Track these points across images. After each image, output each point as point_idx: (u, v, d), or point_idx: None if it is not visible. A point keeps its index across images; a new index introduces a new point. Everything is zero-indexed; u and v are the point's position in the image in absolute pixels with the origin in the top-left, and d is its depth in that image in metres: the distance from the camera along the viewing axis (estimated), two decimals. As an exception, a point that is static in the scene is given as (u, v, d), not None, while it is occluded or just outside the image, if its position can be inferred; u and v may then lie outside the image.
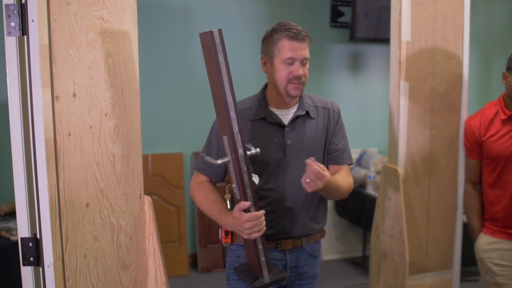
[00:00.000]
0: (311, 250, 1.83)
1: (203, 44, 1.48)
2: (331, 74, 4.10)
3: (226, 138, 1.51)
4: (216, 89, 1.49)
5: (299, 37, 1.63)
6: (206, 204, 1.74)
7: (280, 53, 1.64)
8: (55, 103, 1.48)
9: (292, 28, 1.63)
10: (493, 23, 4.49)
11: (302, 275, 1.83)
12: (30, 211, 1.49)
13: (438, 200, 2.56)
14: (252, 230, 1.56)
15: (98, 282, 1.62)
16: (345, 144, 1.83)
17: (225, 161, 1.53)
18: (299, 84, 1.67)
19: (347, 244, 4.17)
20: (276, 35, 1.65)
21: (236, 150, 1.51)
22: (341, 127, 1.83)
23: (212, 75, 1.50)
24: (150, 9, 3.59)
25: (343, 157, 1.82)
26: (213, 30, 1.42)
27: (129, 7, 1.62)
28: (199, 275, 3.77)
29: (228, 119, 1.48)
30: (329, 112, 1.80)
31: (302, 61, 1.65)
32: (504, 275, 2.24)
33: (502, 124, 2.22)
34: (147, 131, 2.45)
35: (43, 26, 1.42)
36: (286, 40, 1.63)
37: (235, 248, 1.82)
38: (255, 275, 1.66)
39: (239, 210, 1.56)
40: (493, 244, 2.28)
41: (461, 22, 2.50)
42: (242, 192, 1.56)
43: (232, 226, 1.62)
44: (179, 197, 3.74)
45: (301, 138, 1.74)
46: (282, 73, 1.66)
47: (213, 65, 1.46)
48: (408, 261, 2.40)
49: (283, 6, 3.92)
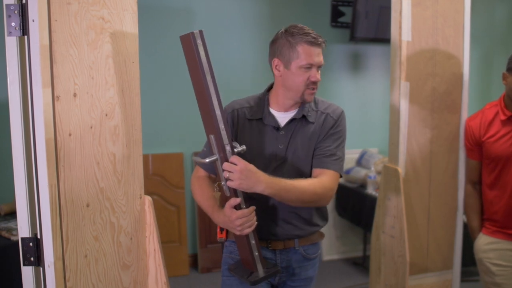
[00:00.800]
0: (304, 252, 1.79)
1: (185, 46, 1.49)
2: (331, 74, 4.10)
3: (212, 136, 1.53)
4: (200, 89, 1.51)
5: (317, 42, 1.62)
6: (202, 200, 1.75)
7: (299, 58, 1.62)
8: (56, 103, 1.48)
9: (311, 33, 1.62)
10: (494, 23, 4.49)
11: (293, 277, 1.80)
12: (30, 211, 1.49)
13: (438, 200, 2.56)
14: (244, 227, 1.57)
15: (99, 282, 1.62)
16: (335, 150, 1.70)
17: (213, 160, 1.55)
18: (315, 89, 1.67)
19: (348, 244, 4.17)
20: (293, 39, 1.62)
21: (223, 148, 1.52)
22: (336, 133, 1.72)
23: (195, 76, 1.51)
24: (150, 9, 3.59)
25: (327, 162, 1.67)
26: (194, 31, 1.44)
27: (130, 7, 1.62)
28: (200, 275, 3.77)
29: (214, 117, 1.49)
30: (326, 117, 1.74)
31: (319, 66, 1.65)
32: (503, 275, 2.24)
33: (502, 125, 2.22)
34: (148, 131, 2.45)
35: (44, 26, 1.42)
36: (305, 45, 1.61)
37: (228, 244, 1.83)
38: (249, 271, 1.67)
39: (230, 208, 1.57)
40: (492, 244, 2.28)
41: (462, 22, 2.50)
42: (232, 190, 1.56)
43: (224, 223, 1.62)
44: (180, 197, 3.74)
45: (294, 142, 1.71)
46: (300, 78, 1.64)
47: (196, 65, 1.47)
48: (409, 261, 2.40)
49: (283, 6, 3.92)
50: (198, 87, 1.51)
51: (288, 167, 1.70)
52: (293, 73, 1.65)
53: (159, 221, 1.87)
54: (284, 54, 1.64)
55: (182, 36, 1.48)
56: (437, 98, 2.49)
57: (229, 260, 1.82)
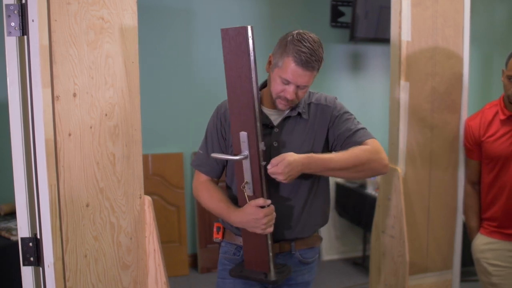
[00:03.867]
0: (301, 257, 1.75)
1: (229, 40, 1.46)
2: (331, 74, 4.10)
3: (245, 134, 1.51)
4: (241, 85, 1.48)
5: (307, 66, 1.54)
6: (211, 203, 1.72)
7: (282, 68, 1.57)
8: (55, 103, 1.48)
9: (306, 53, 1.53)
10: (494, 23, 4.49)
11: (290, 281, 1.77)
12: (30, 211, 1.49)
13: (438, 200, 2.56)
14: (268, 225, 1.57)
15: (99, 282, 1.62)
16: (356, 125, 1.68)
17: (243, 157, 1.52)
18: (287, 105, 1.64)
19: (347, 244, 4.17)
20: (288, 49, 1.56)
21: (257, 145, 1.51)
22: (342, 114, 1.70)
23: (236, 71, 1.48)
24: (150, 9, 3.59)
25: (357, 137, 1.64)
26: (247, 26, 1.42)
27: (129, 7, 1.62)
28: (199, 275, 3.77)
29: (252, 115, 1.48)
30: (322, 108, 1.71)
31: (299, 86, 1.60)
32: (500, 275, 2.24)
33: (501, 125, 2.22)
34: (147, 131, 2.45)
35: (43, 26, 1.42)
36: (292, 62, 1.54)
37: (224, 245, 1.82)
38: (261, 272, 1.65)
39: (255, 206, 1.56)
40: (489, 245, 2.28)
41: (461, 22, 2.50)
42: (258, 188, 1.55)
43: (246, 222, 1.60)
44: (179, 197, 3.74)
45: (289, 140, 1.69)
46: (276, 87, 1.61)
47: (242, 61, 1.45)
48: (408, 261, 2.40)
49: (283, 6, 3.92)
50: (238, 83, 1.49)
51: None
52: (273, 78, 1.63)
53: (159, 221, 1.87)
54: (276, 56, 1.62)
55: (228, 29, 1.45)
56: (437, 98, 2.49)
57: (223, 261, 1.81)
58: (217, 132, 1.74)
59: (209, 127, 1.78)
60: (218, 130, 1.74)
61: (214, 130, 1.75)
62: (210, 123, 1.78)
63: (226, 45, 1.47)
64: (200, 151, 1.78)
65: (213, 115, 1.78)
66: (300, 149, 1.65)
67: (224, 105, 1.76)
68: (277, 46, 1.63)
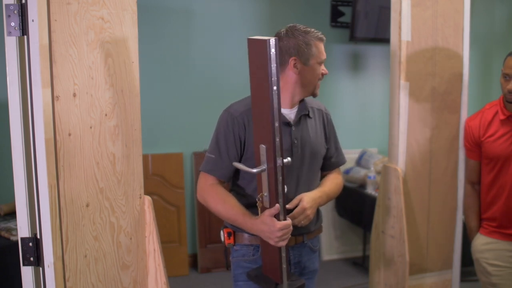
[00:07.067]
0: (311, 245, 1.88)
1: (254, 51, 1.47)
2: (331, 74, 4.06)
3: (264, 147, 1.50)
4: (262, 98, 1.48)
5: (324, 39, 1.79)
6: (225, 208, 1.70)
7: (318, 54, 1.75)
8: (55, 103, 1.48)
9: (318, 31, 1.77)
10: (493, 23, 4.49)
11: (304, 270, 1.87)
12: (30, 211, 1.49)
13: (438, 200, 2.56)
14: (282, 238, 1.58)
15: (98, 282, 1.62)
16: (336, 145, 1.95)
17: (260, 170, 1.52)
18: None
19: (347, 244, 4.16)
20: (309, 37, 1.73)
21: (275, 160, 1.49)
22: (332, 129, 1.93)
23: (259, 83, 1.48)
24: (150, 9, 3.59)
25: (334, 163, 1.95)
26: (270, 39, 1.41)
27: (129, 7, 1.62)
28: (199, 275, 3.77)
29: (271, 129, 1.47)
30: (323, 114, 1.90)
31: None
32: (499, 275, 2.24)
33: (501, 125, 2.22)
34: (147, 131, 2.45)
35: (43, 26, 1.42)
36: (319, 43, 1.75)
37: (239, 248, 1.80)
38: (274, 282, 1.64)
39: (271, 216, 1.56)
40: (489, 245, 2.28)
41: (461, 22, 2.50)
42: (273, 202, 1.54)
43: (261, 231, 1.60)
44: (179, 197, 3.74)
45: (305, 137, 1.79)
46: (317, 72, 1.77)
47: (264, 74, 1.44)
48: (408, 261, 2.40)
49: (283, 6, 3.92)
50: (260, 95, 1.49)
51: (303, 159, 1.78)
52: (312, 68, 1.75)
53: (158, 221, 1.87)
54: (302, 52, 1.72)
55: (252, 40, 1.46)
56: (437, 98, 2.49)
57: (243, 263, 1.80)
58: (234, 136, 1.71)
59: (220, 131, 1.74)
60: (236, 134, 1.71)
61: (230, 135, 1.71)
62: (222, 127, 1.74)
63: (251, 55, 1.49)
64: (211, 155, 1.74)
65: (226, 119, 1.74)
66: (315, 145, 1.83)
67: (237, 109, 1.75)
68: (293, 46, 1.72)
